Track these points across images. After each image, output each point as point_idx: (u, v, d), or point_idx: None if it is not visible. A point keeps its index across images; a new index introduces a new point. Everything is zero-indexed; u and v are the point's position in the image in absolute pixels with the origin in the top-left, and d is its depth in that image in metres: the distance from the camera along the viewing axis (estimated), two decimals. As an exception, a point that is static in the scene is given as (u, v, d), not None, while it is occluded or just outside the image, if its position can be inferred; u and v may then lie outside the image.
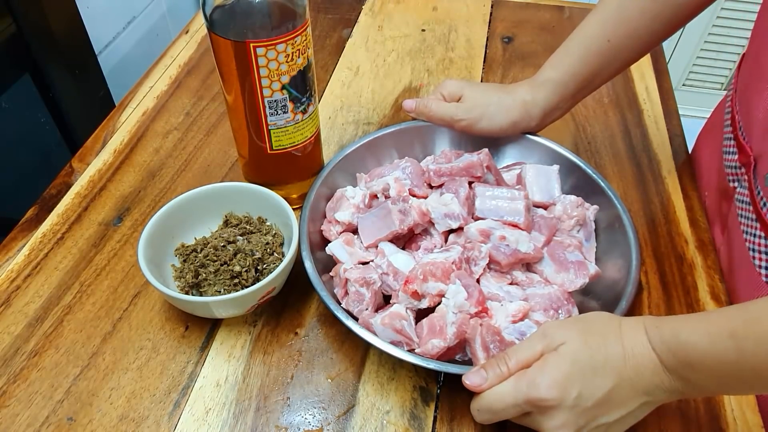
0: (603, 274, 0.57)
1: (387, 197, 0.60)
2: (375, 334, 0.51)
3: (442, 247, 0.58)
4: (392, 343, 0.50)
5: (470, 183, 0.61)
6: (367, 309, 0.53)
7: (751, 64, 0.61)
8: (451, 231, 0.59)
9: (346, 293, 0.55)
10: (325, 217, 0.62)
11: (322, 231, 0.61)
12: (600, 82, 0.65)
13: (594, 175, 0.62)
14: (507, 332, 0.50)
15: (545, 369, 0.44)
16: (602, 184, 0.62)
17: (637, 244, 0.56)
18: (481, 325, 0.50)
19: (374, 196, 0.61)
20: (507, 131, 0.65)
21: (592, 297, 0.57)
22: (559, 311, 0.53)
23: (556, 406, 0.43)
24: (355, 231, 0.60)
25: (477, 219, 0.59)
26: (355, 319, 0.52)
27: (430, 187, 0.63)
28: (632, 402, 0.43)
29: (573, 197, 0.61)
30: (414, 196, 0.61)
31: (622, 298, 0.53)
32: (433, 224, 0.59)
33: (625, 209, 0.59)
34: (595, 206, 0.61)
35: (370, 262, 0.57)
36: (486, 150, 0.63)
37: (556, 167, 0.64)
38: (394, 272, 0.55)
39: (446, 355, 0.51)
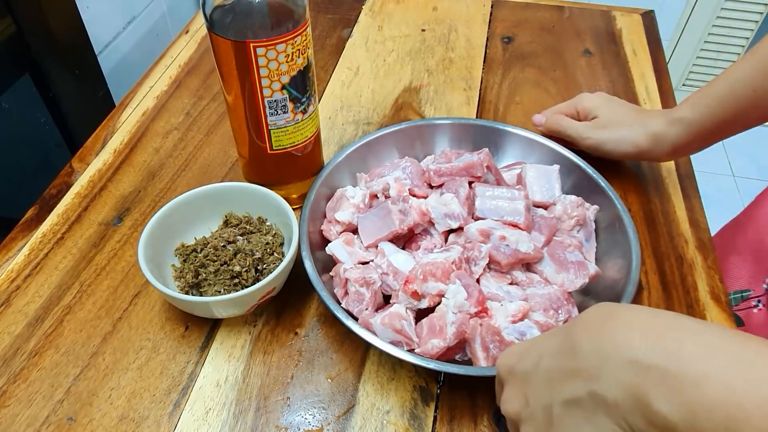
0: (603, 274, 0.57)
1: (387, 197, 0.60)
2: (375, 333, 0.51)
3: (442, 247, 0.58)
4: (392, 343, 0.51)
5: (470, 183, 0.61)
6: (367, 309, 0.53)
7: None
8: (451, 231, 0.59)
9: (346, 293, 0.55)
10: (325, 217, 0.62)
11: (322, 231, 0.61)
12: (738, 129, 0.63)
13: (594, 175, 0.62)
14: (507, 332, 0.50)
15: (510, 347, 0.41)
16: (602, 183, 0.62)
17: (638, 244, 0.56)
18: (480, 325, 0.50)
19: (374, 196, 0.61)
20: (632, 158, 0.67)
21: (592, 297, 0.57)
22: (559, 311, 0.53)
23: (509, 378, 0.38)
24: (355, 231, 0.60)
25: (477, 219, 0.59)
26: (355, 319, 0.52)
27: (430, 187, 0.63)
28: (574, 385, 0.33)
29: (573, 197, 0.61)
30: (414, 195, 0.61)
31: (621, 298, 0.53)
32: (433, 224, 0.59)
33: (625, 209, 0.59)
34: (596, 206, 0.61)
35: (370, 262, 0.57)
36: (486, 150, 0.63)
37: (556, 167, 0.64)
38: (394, 272, 0.55)
39: (446, 355, 0.51)
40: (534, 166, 0.64)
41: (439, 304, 0.52)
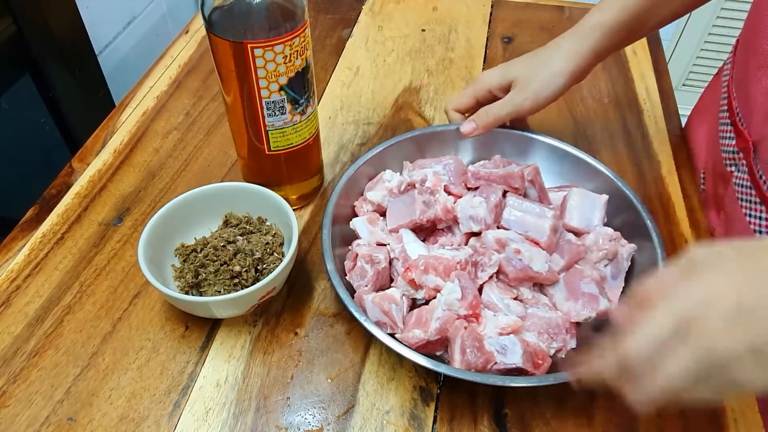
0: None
1: None
2: (365, 311, 0.52)
3: (460, 246, 0.58)
4: (377, 323, 0.52)
5: (505, 192, 0.61)
6: (366, 286, 0.54)
7: (748, 51, 0.61)
8: (474, 234, 0.59)
9: (354, 267, 0.56)
10: (362, 194, 0.63)
11: (354, 206, 0.63)
12: (650, 28, 0.64)
13: (645, 217, 0.58)
14: (489, 341, 0.50)
15: (692, 282, 0.34)
16: (650, 225, 0.57)
17: None
18: (465, 328, 0.50)
19: (412, 186, 0.61)
20: (568, 86, 0.63)
21: (603, 335, 0.54)
22: (555, 338, 0.52)
23: (714, 314, 0.33)
24: (384, 213, 0.61)
25: (501, 228, 0.58)
26: (353, 294, 0.54)
27: (468, 188, 0.63)
28: None
29: (609, 230, 0.58)
30: (449, 193, 0.61)
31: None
32: (457, 223, 0.59)
33: (664, 257, 0.55)
34: (633, 245, 0.58)
35: (387, 245, 0.58)
36: (535, 164, 0.62)
37: (604, 197, 0.61)
38: (404, 259, 0.56)
39: (426, 348, 0.51)
40: (582, 192, 0.61)
41: (434, 298, 0.53)
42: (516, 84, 0.64)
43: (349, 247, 0.59)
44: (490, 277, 0.55)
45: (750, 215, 0.59)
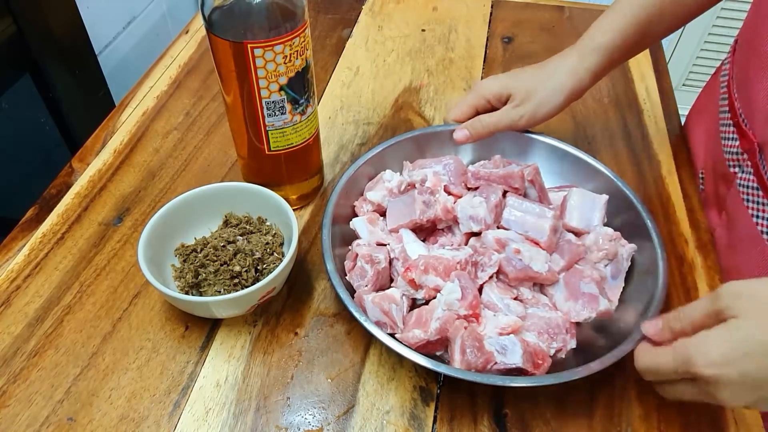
0: (620, 316, 0.54)
1: None
2: (365, 310, 0.52)
3: (460, 246, 0.58)
4: (377, 323, 0.52)
5: (505, 192, 0.61)
6: (366, 286, 0.54)
7: (748, 51, 0.61)
8: (474, 234, 0.59)
9: (354, 267, 0.56)
10: (362, 194, 0.63)
11: (354, 206, 0.63)
12: (647, 44, 0.66)
13: (645, 217, 0.58)
14: (489, 342, 0.50)
15: (705, 345, 0.40)
16: (649, 225, 0.57)
17: (662, 296, 0.52)
18: (465, 328, 0.50)
19: (412, 186, 0.62)
20: (566, 105, 0.64)
21: (604, 336, 0.53)
22: (555, 338, 0.52)
23: (721, 382, 0.39)
24: (384, 213, 0.61)
25: (501, 228, 0.58)
26: (353, 294, 0.54)
27: (468, 188, 0.63)
28: None
29: (609, 230, 0.58)
30: (449, 193, 0.61)
31: (625, 341, 0.49)
32: (457, 223, 0.60)
33: (665, 257, 0.55)
34: (633, 245, 0.58)
35: (387, 245, 0.58)
36: (535, 164, 0.62)
37: (604, 197, 0.61)
38: (404, 259, 0.56)
39: (426, 348, 0.51)
40: (581, 192, 0.61)
41: (434, 298, 0.53)
42: (514, 98, 0.64)
43: (349, 247, 0.59)
44: (490, 277, 0.55)
45: (757, 216, 0.59)
